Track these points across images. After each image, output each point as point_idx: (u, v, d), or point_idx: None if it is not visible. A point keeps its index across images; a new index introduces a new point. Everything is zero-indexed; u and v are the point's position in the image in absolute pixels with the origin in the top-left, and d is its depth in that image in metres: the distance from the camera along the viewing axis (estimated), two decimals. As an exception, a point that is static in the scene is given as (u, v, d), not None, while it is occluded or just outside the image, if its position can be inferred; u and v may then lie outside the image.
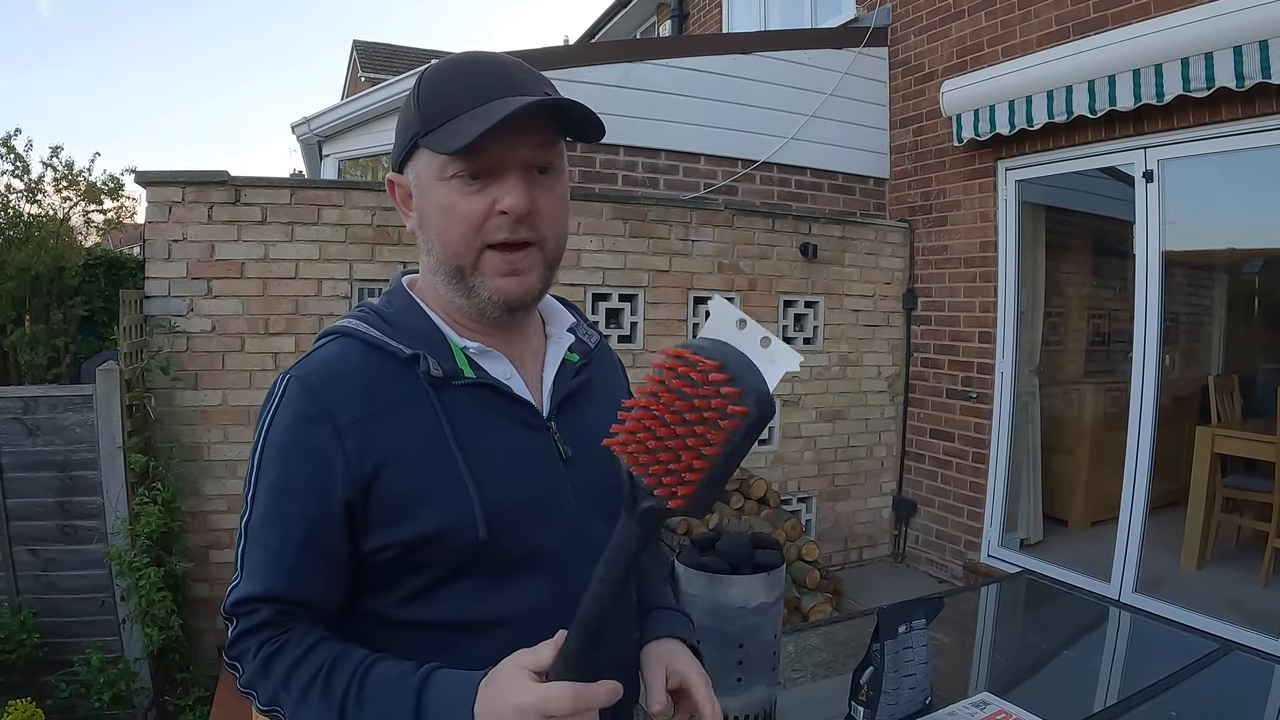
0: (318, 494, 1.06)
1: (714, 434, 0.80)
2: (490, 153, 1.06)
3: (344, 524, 1.08)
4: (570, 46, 8.55)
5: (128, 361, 3.99)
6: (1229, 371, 6.15)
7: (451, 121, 1.07)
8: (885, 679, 1.60)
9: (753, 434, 0.80)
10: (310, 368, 1.12)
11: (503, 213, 1.08)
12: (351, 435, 1.06)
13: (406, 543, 1.08)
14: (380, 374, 1.11)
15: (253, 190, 4.29)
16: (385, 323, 1.17)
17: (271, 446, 1.09)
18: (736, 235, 5.51)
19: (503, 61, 1.14)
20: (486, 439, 1.13)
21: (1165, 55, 4.21)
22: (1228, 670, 2.02)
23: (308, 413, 1.08)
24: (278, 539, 1.08)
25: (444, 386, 1.12)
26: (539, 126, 1.10)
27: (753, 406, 0.79)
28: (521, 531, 1.12)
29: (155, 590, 3.73)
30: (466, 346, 1.16)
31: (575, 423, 1.22)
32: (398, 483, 1.07)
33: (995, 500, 5.58)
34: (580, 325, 1.35)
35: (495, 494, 1.10)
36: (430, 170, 1.11)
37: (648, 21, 11.13)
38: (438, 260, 1.15)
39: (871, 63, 6.35)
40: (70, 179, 5.88)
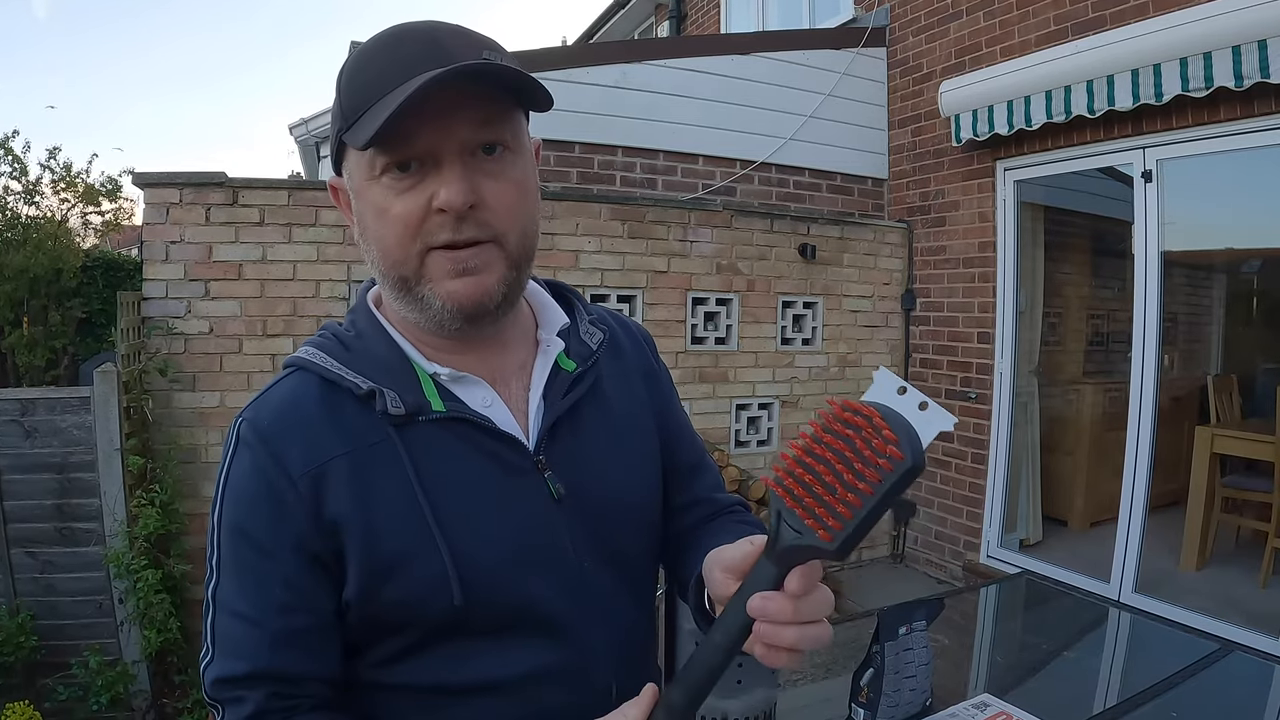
0: (290, 550, 0.93)
1: (870, 473, 0.79)
2: (418, 139, 0.90)
3: (324, 577, 0.95)
4: (568, 47, 8.55)
5: (126, 363, 3.99)
6: (1228, 371, 6.15)
7: (370, 110, 0.90)
8: (885, 681, 1.60)
9: (904, 483, 0.79)
10: (262, 410, 0.98)
11: (441, 210, 0.92)
12: (305, 487, 0.93)
13: (371, 609, 0.95)
14: (338, 415, 0.97)
15: (250, 191, 4.28)
16: (345, 349, 1.02)
17: (230, 501, 0.96)
18: (735, 236, 5.51)
19: (433, 30, 0.94)
20: (461, 485, 0.98)
21: (1164, 55, 4.21)
22: (1228, 671, 2.02)
23: (260, 462, 0.94)
24: (253, 607, 0.93)
25: (409, 425, 0.98)
26: (478, 100, 0.92)
27: (908, 455, 0.78)
28: (506, 589, 0.98)
29: (153, 592, 3.72)
30: (437, 373, 1.01)
31: (571, 451, 1.06)
32: (359, 546, 0.93)
33: (994, 501, 5.58)
34: (581, 322, 1.17)
35: (471, 552, 0.96)
36: (360, 169, 0.96)
37: (646, 22, 11.14)
38: (381, 273, 0.99)
39: (870, 63, 6.34)
40: (68, 180, 5.88)
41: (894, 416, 0.82)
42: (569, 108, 5.16)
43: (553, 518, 1.02)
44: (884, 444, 0.79)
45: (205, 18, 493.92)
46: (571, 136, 5.26)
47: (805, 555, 0.84)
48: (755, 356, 5.63)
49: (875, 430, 0.80)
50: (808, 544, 0.83)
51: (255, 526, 0.93)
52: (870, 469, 0.79)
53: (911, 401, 0.86)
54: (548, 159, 5.22)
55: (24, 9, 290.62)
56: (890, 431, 0.79)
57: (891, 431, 0.79)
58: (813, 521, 0.82)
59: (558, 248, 4.94)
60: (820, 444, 0.84)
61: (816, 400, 5.82)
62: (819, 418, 0.86)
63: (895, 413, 0.83)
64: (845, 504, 0.80)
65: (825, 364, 5.88)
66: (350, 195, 1.01)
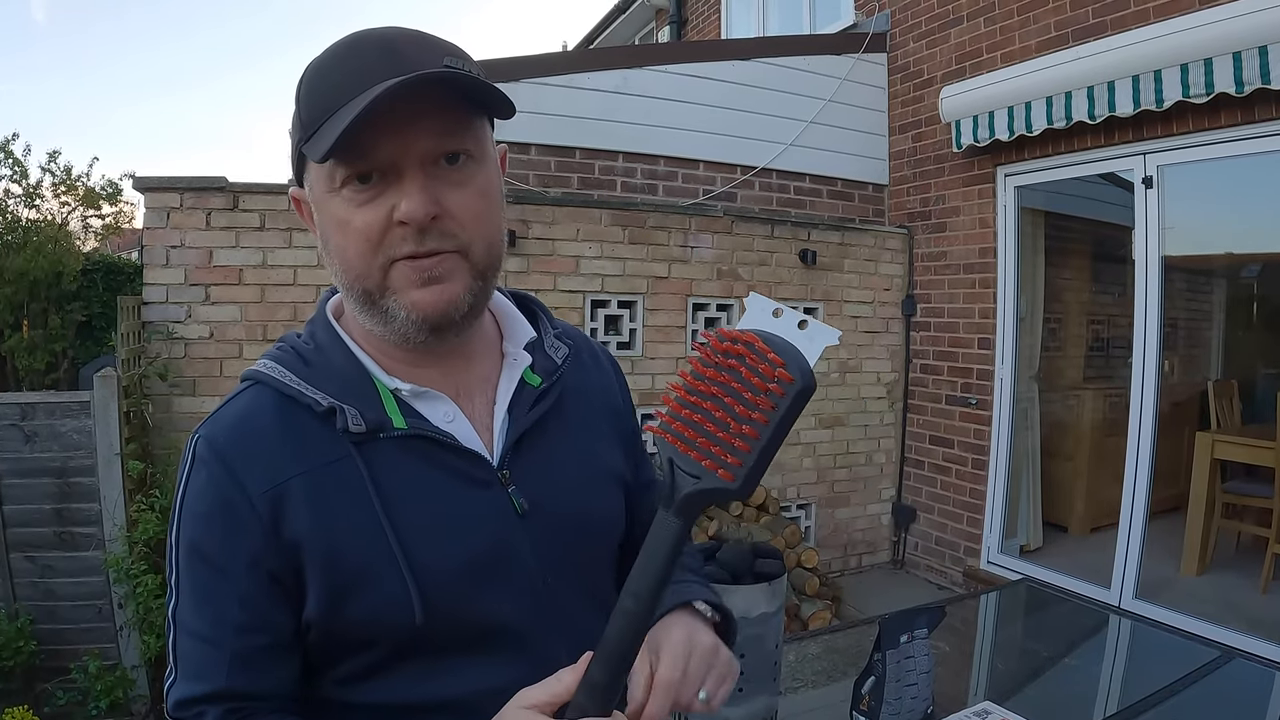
0: (246, 569, 0.91)
1: (762, 401, 0.77)
2: (378, 150, 0.89)
3: (282, 596, 0.93)
4: (568, 53, 8.56)
5: (126, 368, 3.99)
6: (1228, 377, 6.15)
7: (328, 121, 0.88)
8: (887, 689, 1.59)
9: (797, 406, 0.78)
10: (219, 425, 0.97)
11: (403, 222, 0.90)
12: (264, 506, 0.91)
13: (332, 627, 0.94)
14: (296, 431, 0.95)
15: (251, 196, 4.29)
16: (304, 362, 1.01)
17: (187, 520, 0.94)
18: (736, 241, 5.51)
19: (392, 37, 0.92)
20: (423, 504, 0.97)
21: (1165, 61, 4.21)
22: (1229, 678, 2.01)
23: (216, 479, 0.92)
24: (211, 626, 0.92)
25: (369, 442, 0.96)
26: (439, 109, 0.91)
27: (797, 376, 0.77)
28: (468, 606, 0.97)
29: (153, 597, 3.71)
30: (398, 388, 1.00)
31: (536, 465, 1.05)
32: (320, 565, 0.92)
33: (995, 506, 5.57)
34: (545, 336, 1.16)
35: (433, 569, 0.94)
36: (320, 181, 0.94)
37: (646, 27, 11.15)
38: (344, 286, 0.98)
39: (870, 69, 6.35)
40: (69, 184, 5.89)
41: (775, 340, 0.81)
42: (569, 113, 5.17)
43: (516, 532, 1.01)
44: (770, 369, 0.77)
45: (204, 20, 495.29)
46: (572, 142, 5.26)
47: (706, 500, 0.82)
48: (756, 362, 5.62)
49: (759, 356, 0.78)
50: (708, 487, 0.81)
51: (212, 545, 0.92)
52: (762, 397, 0.78)
53: (789, 322, 0.85)
54: (548, 164, 5.22)
55: (23, 12, 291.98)
56: (775, 355, 0.78)
57: (776, 355, 0.78)
58: (710, 463, 0.80)
59: (558, 253, 4.94)
60: (703, 380, 0.83)
61: (817, 406, 5.82)
62: (696, 353, 0.85)
63: (776, 336, 0.82)
64: (742, 438, 0.78)
65: (826, 369, 5.88)
66: (311, 207, 1.00)
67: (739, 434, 0.78)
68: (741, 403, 0.79)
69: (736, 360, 0.80)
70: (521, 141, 5.06)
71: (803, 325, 0.84)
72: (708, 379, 0.82)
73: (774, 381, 0.77)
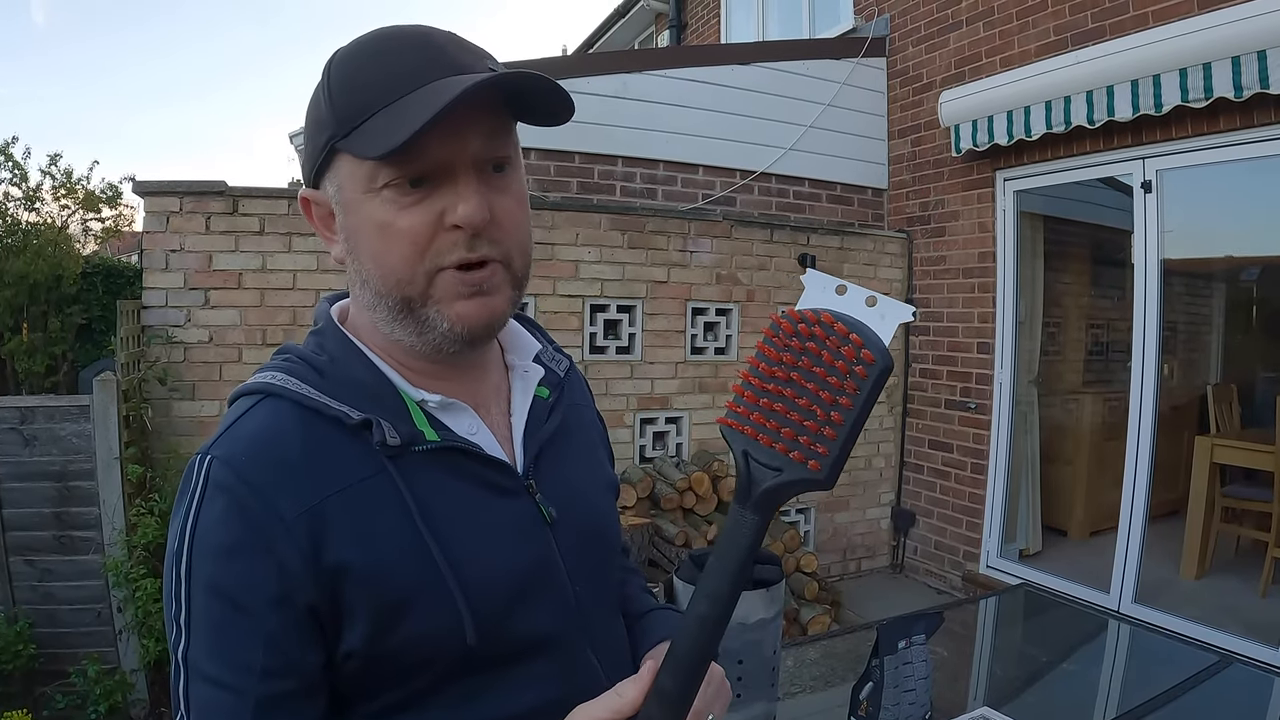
0: (274, 606, 0.82)
1: (848, 384, 0.74)
2: (431, 152, 0.84)
3: (313, 632, 0.84)
4: (569, 57, 8.57)
5: (125, 372, 3.99)
6: (1227, 380, 6.15)
7: (375, 116, 0.84)
8: (885, 694, 1.59)
9: (879, 387, 0.74)
10: (236, 445, 0.86)
11: (456, 226, 0.86)
12: (301, 530, 0.83)
13: (378, 655, 0.86)
14: (324, 446, 0.88)
15: (250, 200, 4.29)
16: (318, 374, 0.93)
17: (201, 552, 0.83)
18: (735, 246, 5.52)
19: (431, 35, 0.90)
20: (461, 516, 0.92)
21: (1163, 66, 4.22)
22: (1228, 683, 2.01)
23: (243, 505, 0.82)
24: (233, 672, 0.81)
25: (403, 455, 0.90)
26: (489, 112, 0.88)
27: (879, 356, 0.73)
28: (515, 622, 0.93)
29: (152, 601, 3.71)
30: (424, 400, 0.94)
31: (556, 474, 1.03)
32: (365, 589, 0.84)
33: (994, 511, 5.58)
34: (546, 349, 1.15)
35: (481, 585, 0.90)
36: (355, 181, 0.88)
37: (646, 31, 11.16)
38: (376, 293, 0.91)
39: (870, 73, 6.36)
40: (68, 187, 5.89)
41: (848, 319, 0.77)
42: (569, 117, 5.15)
43: (548, 541, 0.98)
44: (853, 350, 0.74)
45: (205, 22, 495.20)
46: (571, 146, 5.27)
47: (790, 493, 0.78)
48: (755, 366, 5.62)
49: (840, 338, 0.75)
50: (792, 479, 0.77)
51: (234, 582, 0.82)
52: (848, 380, 0.74)
53: (856, 299, 0.80)
54: (547, 169, 5.23)
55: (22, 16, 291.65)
56: (855, 336, 0.75)
57: (856, 335, 0.75)
58: (797, 454, 0.76)
59: (558, 258, 4.94)
60: (779, 365, 0.79)
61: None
62: (766, 338, 0.81)
63: (847, 314, 0.78)
64: (831, 425, 0.75)
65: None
66: (335, 209, 0.93)
67: (827, 421, 0.75)
68: (826, 388, 0.75)
69: (814, 343, 0.77)
70: (521, 145, 5.05)
71: (871, 302, 0.79)
72: (784, 364, 0.79)
73: (859, 364, 0.74)
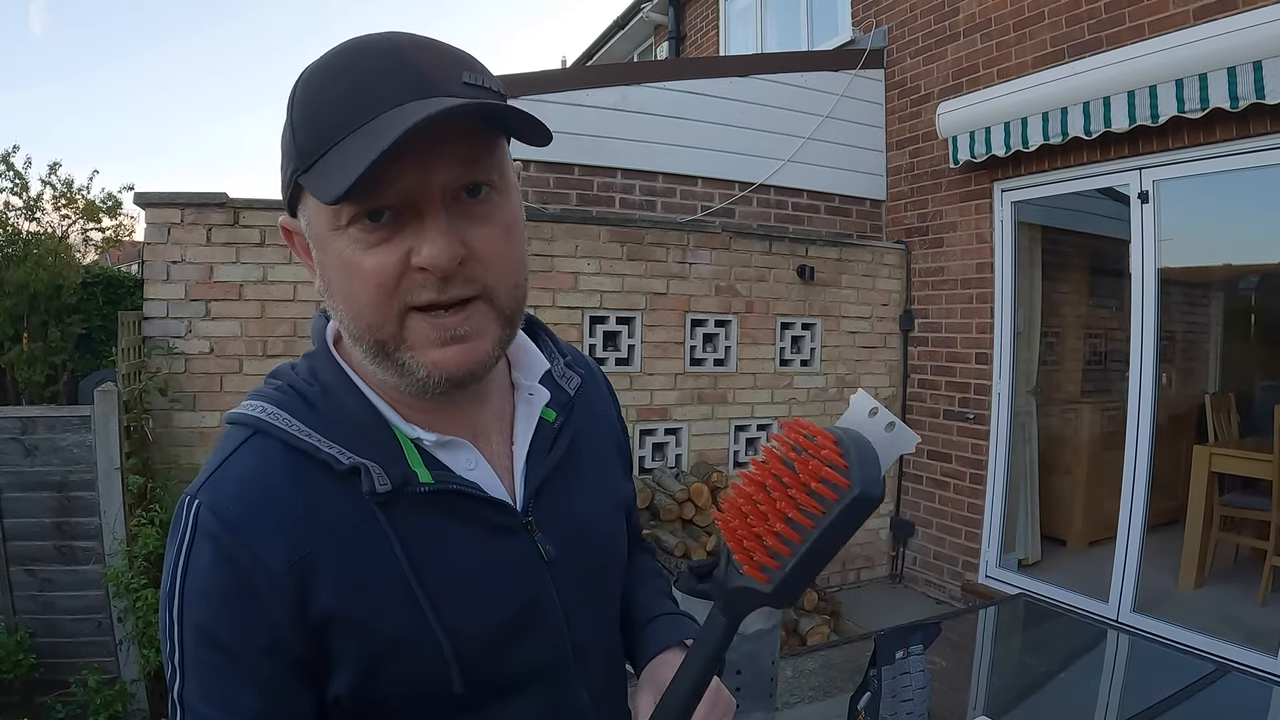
0: (263, 653, 0.81)
1: (808, 502, 0.72)
2: (394, 184, 0.77)
3: (303, 677, 0.83)
4: (568, 70, 8.58)
5: (126, 382, 3.99)
6: (1226, 389, 6.16)
7: (334, 149, 0.77)
8: (883, 705, 1.60)
9: (853, 515, 0.72)
10: (223, 492, 0.84)
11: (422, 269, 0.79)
12: (288, 585, 0.81)
13: (366, 702, 0.85)
14: (312, 493, 0.84)
15: (251, 212, 4.31)
16: (310, 407, 0.89)
17: (192, 598, 0.81)
18: (734, 257, 5.53)
19: (401, 46, 0.80)
20: (452, 560, 0.89)
21: (1160, 77, 4.24)
22: (1225, 692, 2.02)
23: (229, 554, 0.81)
24: (227, 715, 0.81)
25: (395, 499, 0.86)
26: (464, 135, 0.79)
27: (857, 483, 0.72)
28: (503, 662, 0.91)
29: (152, 611, 3.71)
30: (419, 438, 0.90)
31: (557, 508, 0.99)
32: (353, 640, 0.83)
33: (993, 521, 5.58)
34: (555, 365, 1.08)
35: (470, 632, 0.88)
36: (322, 218, 0.82)
37: (645, 43, 11.19)
38: (351, 335, 0.86)
39: (868, 85, 6.38)
40: (69, 197, 5.90)
41: (854, 443, 0.76)
42: (568, 130, 5.18)
43: (543, 580, 0.95)
44: (834, 473, 0.72)
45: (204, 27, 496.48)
46: (571, 159, 5.28)
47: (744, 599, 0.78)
48: (754, 378, 5.65)
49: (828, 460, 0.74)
50: (743, 586, 0.77)
51: (224, 629, 0.81)
52: (817, 501, 0.72)
53: (880, 423, 0.80)
54: (546, 180, 5.24)
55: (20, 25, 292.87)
56: (839, 456, 0.73)
57: (841, 457, 0.73)
58: (749, 565, 0.76)
59: (557, 270, 4.95)
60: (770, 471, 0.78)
61: (815, 421, 5.75)
62: (774, 441, 0.80)
63: (855, 434, 0.78)
64: (783, 539, 0.73)
65: (824, 385, 5.89)
66: (309, 242, 0.87)
67: (786, 537, 0.74)
68: (795, 504, 0.74)
69: (804, 458, 0.75)
70: (520, 158, 4.98)
71: (890, 427, 0.79)
72: (772, 473, 0.77)
73: (833, 488, 0.72)
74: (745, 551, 0.76)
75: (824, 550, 0.73)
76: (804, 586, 0.76)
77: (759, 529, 0.76)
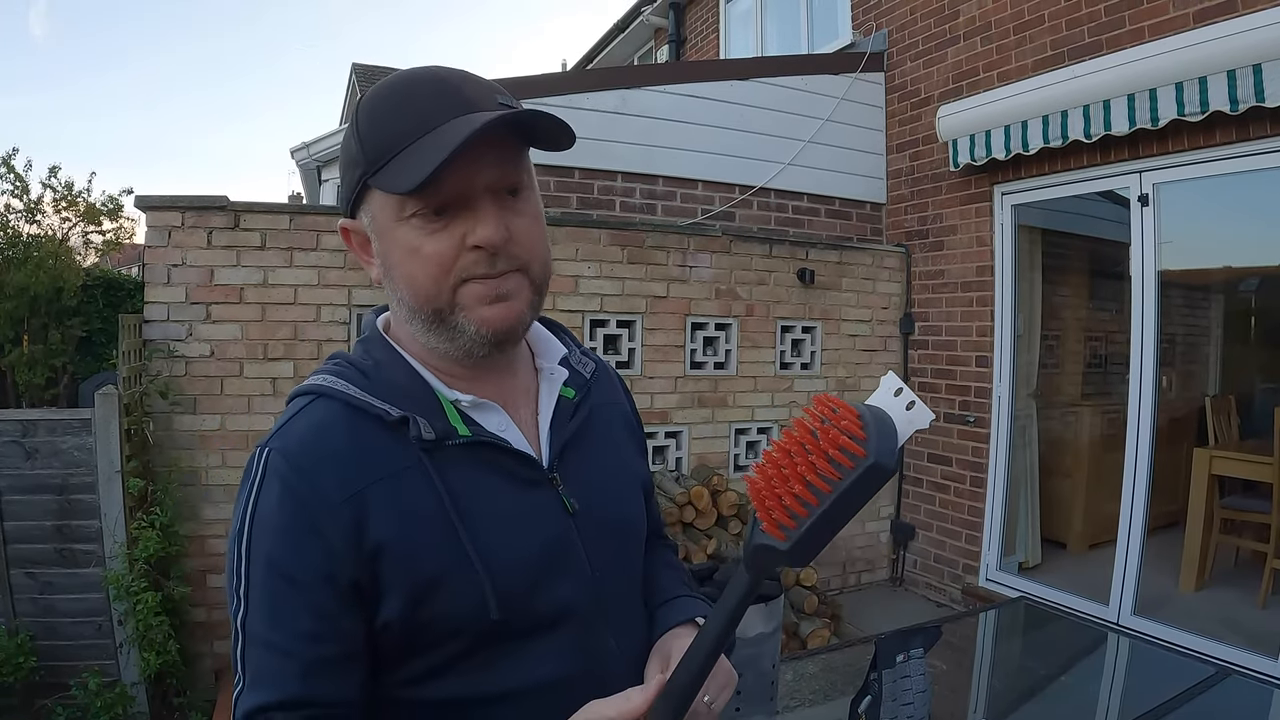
0: (322, 581, 0.94)
1: (826, 468, 0.79)
2: (450, 183, 0.95)
3: (355, 606, 0.96)
4: (568, 73, 8.59)
5: (127, 385, 4.00)
6: (1226, 392, 6.16)
7: (400, 155, 0.96)
8: (883, 708, 1.60)
9: (867, 483, 0.79)
10: (291, 438, 1.00)
11: (476, 247, 0.98)
12: (346, 514, 0.95)
13: (411, 627, 0.98)
14: (368, 441, 1.00)
15: (252, 216, 4.31)
16: (365, 378, 1.05)
17: (260, 531, 0.96)
18: (734, 261, 5.54)
19: (446, 77, 1.02)
20: (488, 504, 1.03)
21: (1159, 80, 4.25)
22: (1226, 695, 2.02)
23: (295, 491, 0.95)
24: (285, 637, 0.94)
25: (437, 449, 1.01)
26: (500, 144, 0.99)
27: (872, 452, 0.78)
28: (535, 598, 1.03)
29: (153, 614, 3.72)
30: (458, 400, 1.06)
31: (579, 469, 1.13)
32: (400, 567, 0.96)
33: (993, 524, 5.58)
34: (573, 353, 1.25)
35: (504, 566, 1.00)
36: (386, 212, 1.01)
37: (645, 46, 11.20)
38: (410, 309, 1.04)
39: (868, 88, 6.39)
40: (69, 199, 5.90)
41: (874, 414, 0.83)
42: (569, 132, 5.16)
43: (569, 529, 1.08)
44: (852, 443, 0.79)
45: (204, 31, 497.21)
46: (571, 162, 5.29)
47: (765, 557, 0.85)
48: (754, 381, 5.65)
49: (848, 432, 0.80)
50: (763, 544, 0.84)
51: (288, 558, 0.95)
52: (833, 466, 0.79)
53: (902, 402, 0.86)
54: (547, 184, 5.24)
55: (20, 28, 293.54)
56: (859, 428, 0.80)
57: (861, 429, 0.80)
58: (768, 522, 0.83)
59: (557, 273, 4.93)
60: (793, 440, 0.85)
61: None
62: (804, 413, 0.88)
63: (879, 411, 0.85)
64: (801, 501, 0.80)
65: (824, 388, 5.89)
66: (371, 236, 1.06)
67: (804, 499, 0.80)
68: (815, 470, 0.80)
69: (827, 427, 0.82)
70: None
71: (910, 406, 0.86)
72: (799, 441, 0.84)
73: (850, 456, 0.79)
74: (766, 510, 0.83)
75: (838, 514, 0.80)
76: (818, 547, 0.82)
77: (780, 491, 0.82)
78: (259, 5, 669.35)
